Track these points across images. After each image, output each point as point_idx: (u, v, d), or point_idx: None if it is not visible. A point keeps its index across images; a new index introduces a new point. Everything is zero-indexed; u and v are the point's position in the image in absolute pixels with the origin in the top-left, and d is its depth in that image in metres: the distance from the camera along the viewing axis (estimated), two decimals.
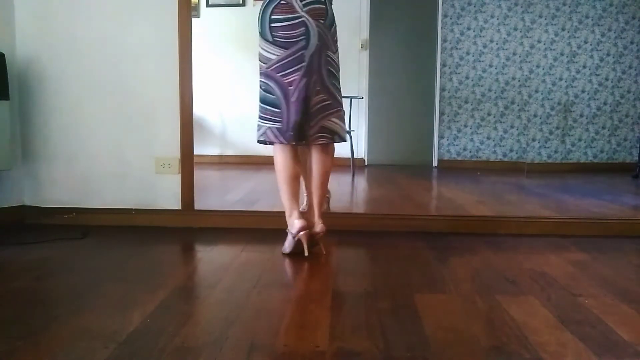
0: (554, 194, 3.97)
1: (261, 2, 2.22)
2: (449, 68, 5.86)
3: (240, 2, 5.75)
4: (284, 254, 2.25)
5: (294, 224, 2.18)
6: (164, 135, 2.75)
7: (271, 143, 2.25)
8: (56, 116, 2.77)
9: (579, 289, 1.84)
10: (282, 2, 2.13)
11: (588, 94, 5.78)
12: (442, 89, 5.87)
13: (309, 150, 2.32)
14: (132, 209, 2.77)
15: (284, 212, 2.27)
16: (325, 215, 2.31)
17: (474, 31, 5.80)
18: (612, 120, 5.80)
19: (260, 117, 2.26)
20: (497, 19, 5.77)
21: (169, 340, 1.39)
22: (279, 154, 2.25)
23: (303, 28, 2.13)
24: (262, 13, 2.18)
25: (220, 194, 3.73)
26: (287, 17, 2.13)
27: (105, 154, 2.78)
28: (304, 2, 2.13)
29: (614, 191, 4.14)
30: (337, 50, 2.27)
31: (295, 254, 2.22)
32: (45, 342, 1.39)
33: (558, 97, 5.78)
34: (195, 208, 2.78)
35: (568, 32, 5.72)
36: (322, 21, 2.15)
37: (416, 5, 5.91)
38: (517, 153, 5.87)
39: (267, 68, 2.20)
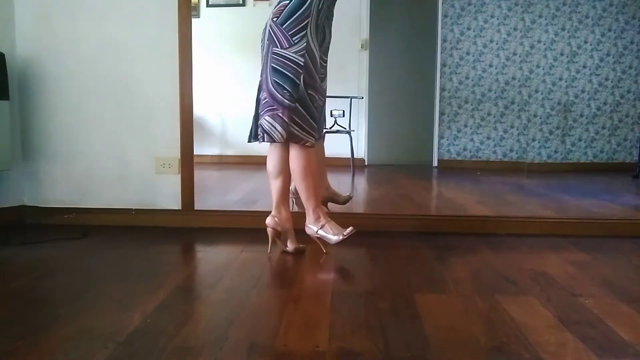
0: (554, 194, 3.97)
1: (260, 2, 2.25)
2: (449, 68, 5.86)
3: (240, 2, 5.75)
4: (284, 252, 2.27)
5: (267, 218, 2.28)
6: (164, 135, 2.75)
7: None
8: (56, 116, 2.77)
9: (579, 289, 1.84)
10: None
11: (588, 94, 5.78)
12: (442, 89, 5.87)
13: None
14: (132, 209, 2.77)
15: None
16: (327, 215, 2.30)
17: (474, 31, 5.80)
18: (612, 120, 5.80)
19: None
20: (497, 19, 5.77)
21: (169, 340, 1.39)
22: (268, 150, 2.34)
23: (264, 32, 2.25)
24: None
25: (220, 194, 3.73)
26: (265, 24, 2.26)
27: (105, 154, 2.78)
28: (275, 4, 2.23)
29: (614, 191, 4.14)
30: (291, 44, 2.14)
31: (296, 253, 2.22)
32: (45, 342, 1.38)
33: (558, 97, 5.78)
34: (195, 208, 2.78)
35: (568, 32, 5.72)
36: (275, 19, 2.18)
37: (416, 5, 5.91)
38: (517, 153, 5.87)
39: None
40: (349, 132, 4.90)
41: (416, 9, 5.90)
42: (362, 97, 5.58)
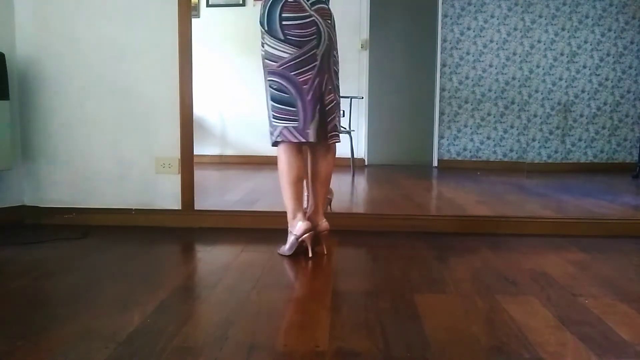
0: (554, 194, 3.97)
1: (261, 2, 2.23)
2: (449, 68, 5.86)
3: (240, 2, 5.75)
4: (281, 255, 2.23)
5: (299, 226, 2.17)
6: (164, 135, 2.75)
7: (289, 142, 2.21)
8: (56, 116, 2.77)
9: (579, 289, 1.84)
10: (289, 1, 2.12)
11: (588, 94, 5.78)
12: (442, 89, 5.87)
13: (310, 149, 2.32)
14: (132, 209, 2.77)
15: (284, 212, 2.26)
16: (326, 215, 2.31)
17: (474, 31, 5.80)
18: (612, 120, 5.80)
19: (275, 117, 2.21)
20: (497, 19, 5.77)
21: (169, 340, 1.39)
22: (285, 154, 2.21)
23: (314, 27, 2.14)
24: (269, 11, 2.15)
25: (220, 194, 3.73)
26: (298, 16, 2.13)
27: (105, 154, 2.78)
28: (310, 2, 2.14)
29: (614, 191, 4.14)
30: (338, 50, 2.31)
31: (295, 254, 2.21)
32: (45, 342, 1.39)
33: (558, 97, 5.79)
34: (195, 208, 2.78)
35: (568, 32, 5.72)
36: (329, 21, 2.19)
37: (416, 5, 5.91)
38: (517, 153, 5.87)
39: (279, 67, 2.17)
40: (349, 132, 4.90)
41: (416, 9, 5.90)
42: (362, 97, 5.58)
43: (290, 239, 2.22)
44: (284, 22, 2.13)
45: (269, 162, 5.98)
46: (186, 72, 2.71)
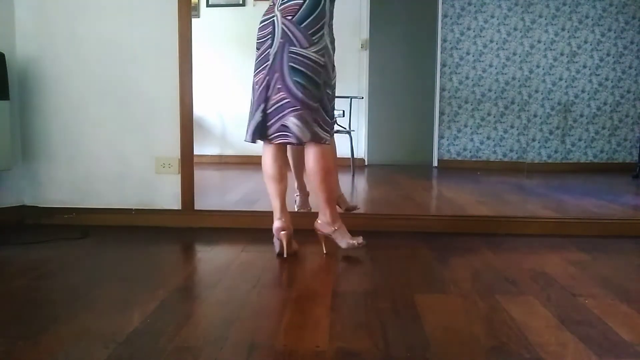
0: (554, 194, 3.97)
1: (260, 2, 2.24)
2: (449, 68, 5.85)
3: (240, 2, 5.75)
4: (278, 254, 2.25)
5: (274, 224, 2.21)
6: (164, 135, 2.75)
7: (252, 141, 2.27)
8: (56, 116, 2.77)
9: (579, 289, 1.84)
10: (270, 4, 2.19)
11: (588, 94, 5.78)
12: (442, 89, 5.87)
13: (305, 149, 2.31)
14: (132, 209, 2.77)
15: None
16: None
17: (474, 31, 5.80)
18: (612, 120, 5.80)
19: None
20: (497, 19, 5.77)
21: (169, 340, 1.39)
22: (263, 153, 2.29)
23: (271, 27, 2.16)
24: None
25: (220, 194, 3.73)
26: (264, 19, 2.20)
27: (106, 154, 2.78)
28: (281, 1, 2.15)
29: (614, 191, 4.14)
30: (312, 44, 2.11)
31: (293, 254, 2.22)
32: (45, 342, 1.39)
33: (558, 97, 5.78)
34: (195, 208, 2.78)
35: (568, 32, 5.72)
36: (289, 17, 2.11)
37: (416, 5, 5.91)
38: (517, 153, 5.87)
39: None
40: (349, 132, 4.90)
41: (416, 9, 5.90)
42: (362, 97, 5.58)
43: (274, 237, 2.24)
44: (258, 27, 2.22)
45: None
46: (186, 72, 2.71)
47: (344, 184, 4.28)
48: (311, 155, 2.19)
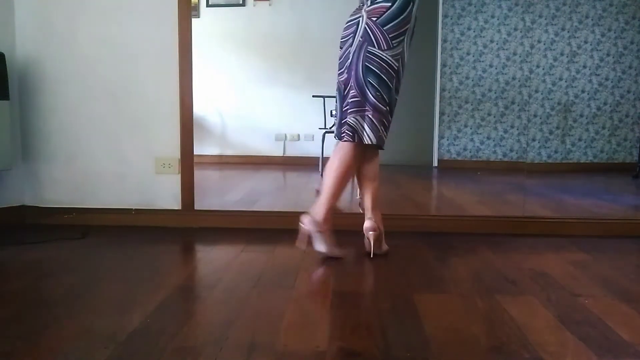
0: (554, 194, 3.97)
1: (260, 2, 2.24)
2: (449, 68, 5.85)
3: (240, 2, 5.75)
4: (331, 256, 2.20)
5: (365, 223, 2.22)
6: (164, 135, 2.75)
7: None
8: (56, 116, 2.77)
9: (579, 289, 1.84)
10: (360, 5, 2.19)
11: (588, 94, 5.78)
12: (443, 89, 5.87)
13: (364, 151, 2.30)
14: (132, 209, 2.77)
15: (284, 212, 2.27)
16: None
17: (474, 31, 5.80)
18: (612, 120, 5.80)
19: None
20: (498, 19, 5.77)
21: (169, 340, 1.39)
22: (346, 152, 2.29)
23: (354, 27, 2.16)
24: None
25: (220, 194, 3.73)
26: (350, 19, 2.20)
27: (105, 154, 2.78)
28: (370, 2, 2.14)
29: (614, 191, 4.14)
30: (390, 47, 2.12)
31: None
32: (45, 342, 1.38)
33: (558, 97, 5.78)
34: (195, 208, 2.78)
35: (568, 32, 5.72)
36: (374, 18, 2.11)
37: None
38: (517, 153, 5.87)
39: None
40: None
41: (416, 9, 5.89)
42: None
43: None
44: (343, 27, 2.22)
45: (269, 162, 6.02)
46: (186, 72, 2.71)
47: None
48: (375, 158, 2.28)
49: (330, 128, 4.60)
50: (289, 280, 2.01)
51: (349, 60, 2.16)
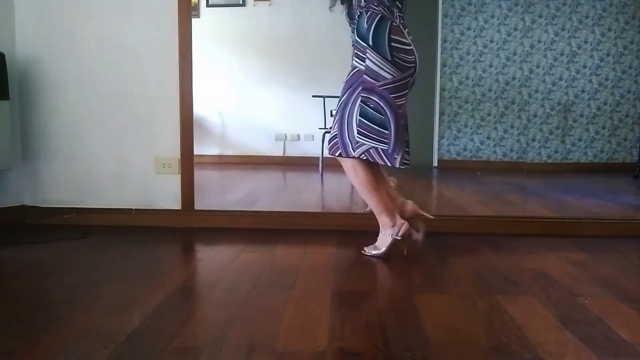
0: (554, 194, 3.97)
1: (260, 2, 2.24)
2: (449, 68, 5.85)
3: (240, 2, 5.74)
4: (371, 256, 2.23)
5: (402, 225, 2.21)
6: (164, 135, 2.75)
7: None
8: (56, 116, 2.77)
9: (579, 289, 1.84)
10: (394, 24, 2.18)
11: (588, 94, 5.78)
12: (442, 89, 5.87)
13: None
14: (132, 209, 2.77)
15: (283, 212, 2.27)
16: (326, 215, 2.30)
17: (474, 31, 5.80)
18: (612, 120, 5.79)
19: (362, 135, 2.21)
20: (497, 19, 5.77)
21: (169, 340, 1.39)
22: (362, 170, 2.25)
23: (414, 56, 2.21)
24: (376, 28, 2.19)
25: (220, 194, 3.73)
26: (403, 41, 2.19)
27: (105, 154, 2.78)
28: (407, 31, 2.21)
29: (614, 191, 4.14)
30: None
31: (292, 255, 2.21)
32: (45, 342, 1.39)
33: (558, 97, 5.78)
34: (195, 208, 2.78)
35: (568, 32, 5.72)
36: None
37: (416, 5, 5.88)
38: (517, 153, 5.87)
39: (380, 86, 2.19)
40: None
41: (416, 9, 5.87)
42: None
43: (387, 238, 2.21)
44: (392, 44, 2.16)
45: (269, 162, 6.01)
46: (186, 72, 2.71)
47: (344, 184, 4.28)
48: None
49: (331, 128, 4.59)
50: (289, 280, 2.01)
51: (408, 90, 2.32)
